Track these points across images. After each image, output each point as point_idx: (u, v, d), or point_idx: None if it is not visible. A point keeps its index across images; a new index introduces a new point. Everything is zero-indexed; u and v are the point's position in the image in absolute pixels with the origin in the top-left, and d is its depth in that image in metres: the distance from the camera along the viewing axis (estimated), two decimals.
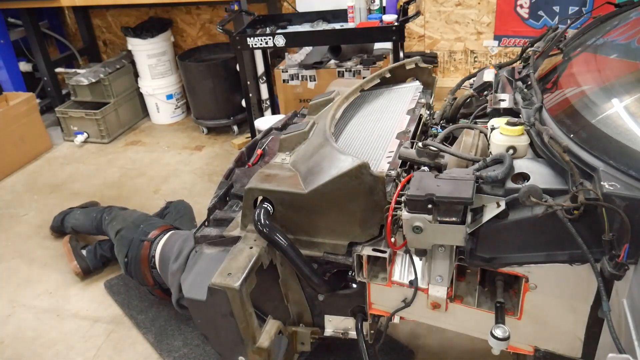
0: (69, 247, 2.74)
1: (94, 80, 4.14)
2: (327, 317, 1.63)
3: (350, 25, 3.18)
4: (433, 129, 1.87)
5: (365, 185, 1.32)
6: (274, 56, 3.89)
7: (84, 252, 2.73)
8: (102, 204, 3.11)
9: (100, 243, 2.74)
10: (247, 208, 1.46)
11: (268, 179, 1.46)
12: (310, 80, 3.50)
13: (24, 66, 4.55)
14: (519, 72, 1.80)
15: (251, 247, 1.39)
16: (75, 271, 2.67)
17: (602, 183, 1.06)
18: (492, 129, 1.39)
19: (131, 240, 2.35)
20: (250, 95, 3.50)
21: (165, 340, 2.26)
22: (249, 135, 3.78)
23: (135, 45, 4.18)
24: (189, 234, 2.06)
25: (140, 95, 4.48)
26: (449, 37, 3.97)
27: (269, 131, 2.05)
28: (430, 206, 1.15)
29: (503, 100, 1.61)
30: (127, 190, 3.48)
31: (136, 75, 4.41)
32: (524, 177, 1.22)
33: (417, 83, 2.11)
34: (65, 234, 2.95)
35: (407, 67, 2.09)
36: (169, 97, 4.39)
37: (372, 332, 1.59)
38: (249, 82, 3.47)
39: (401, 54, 3.08)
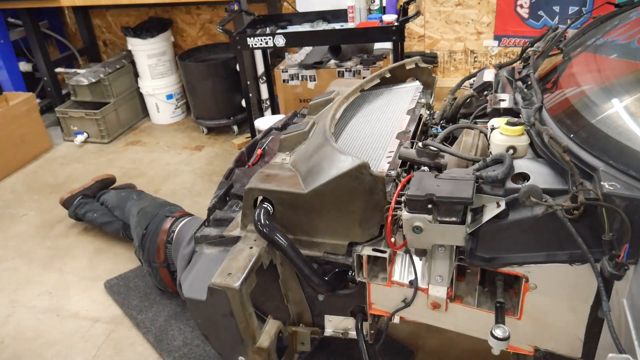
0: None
1: (94, 80, 4.14)
2: (327, 317, 1.63)
3: (350, 25, 3.18)
4: (433, 129, 1.87)
5: (365, 185, 1.32)
6: (274, 56, 3.89)
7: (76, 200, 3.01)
8: None
9: (85, 204, 2.98)
10: (247, 208, 1.46)
11: (268, 179, 1.46)
12: (310, 80, 3.50)
13: (24, 66, 4.55)
14: (519, 72, 1.80)
15: (251, 247, 1.39)
16: (60, 201, 3.03)
17: (602, 183, 1.06)
18: (492, 129, 1.40)
19: (155, 215, 2.44)
20: (250, 95, 3.50)
21: (165, 340, 2.25)
22: (249, 135, 3.78)
23: (135, 45, 4.18)
24: (200, 223, 2.08)
25: (140, 95, 4.48)
26: (449, 37, 3.97)
27: (269, 131, 2.05)
28: (430, 206, 1.15)
29: (503, 100, 1.61)
30: None
31: (136, 75, 4.41)
32: (524, 177, 1.22)
33: (417, 83, 2.11)
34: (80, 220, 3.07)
35: (407, 67, 2.09)
36: (169, 97, 4.39)
37: (372, 332, 1.59)
38: (249, 82, 3.47)
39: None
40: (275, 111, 3.76)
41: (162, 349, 2.21)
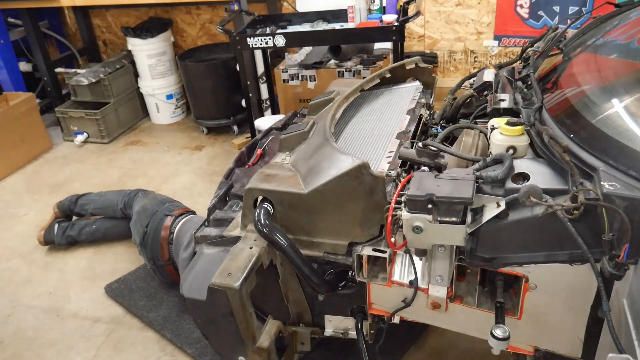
0: (53, 215, 2.96)
1: (94, 80, 4.14)
2: (327, 317, 1.63)
3: (350, 25, 3.18)
4: (433, 129, 1.87)
5: (365, 185, 1.32)
6: (274, 56, 3.89)
7: (56, 226, 2.89)
8: None
9: (74, 224, 2.89)
10: (247, 208, 1.46)
11: (268, 179, 1.46)
12: (310, 80, 3.50)
13: (24, 66, 4.55)
14: (519, 72, 1.80)
15: (251, 247, 1.39)
16: (39, 240, 2.91)
17: (602, 183, 1.06)
18: (492, 129, 1.39)
19: (155, 212, 2.44)
20: (250, 95, 3.50)
21: (183, 334, 2.24)
22: (249, 135, 3.78)
23: (135, 45, 4.18)
24: (200, 224, 2.07)
25: (140, 95, 4.48)
26: (449, 37, 3.97)
27: (269, 131, 2.05)
28: (430, 206, 1.15)
29: (503, 100, 1.61)
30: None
31: (136, 75, 4.41)
32: (524, 177, 1.22)
33: (417, 83, 2.11)
34: (68, 216, 3.01)
35: (407, 67, 2.09)
36: (169, 97, 4.39)
37: (372, 332, 1.59)
38: (249, 82, 3.47)
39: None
40: (275, 111, 3.76)
41: (182, 343, 2.21)
